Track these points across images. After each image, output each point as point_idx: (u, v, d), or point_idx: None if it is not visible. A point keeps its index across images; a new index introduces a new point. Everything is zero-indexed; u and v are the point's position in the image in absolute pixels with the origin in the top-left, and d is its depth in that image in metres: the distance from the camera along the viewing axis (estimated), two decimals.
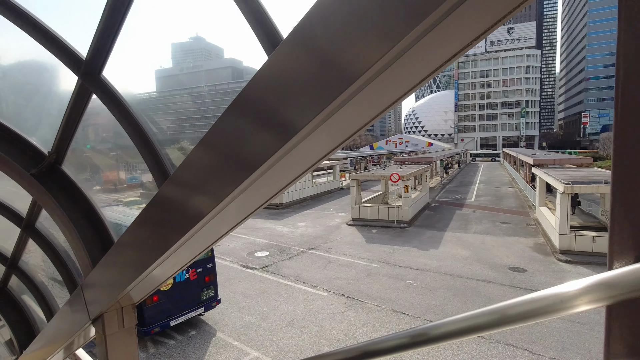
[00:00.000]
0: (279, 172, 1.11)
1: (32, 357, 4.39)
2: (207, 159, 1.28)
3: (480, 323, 0.71)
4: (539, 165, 24.07)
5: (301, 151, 1.01)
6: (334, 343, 9.39)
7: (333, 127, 0.95)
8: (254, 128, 1.01)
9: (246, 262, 15.94)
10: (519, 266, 14.37)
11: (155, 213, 1.74)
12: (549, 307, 0.61)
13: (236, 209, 1.33)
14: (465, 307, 11.09)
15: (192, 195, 1.41)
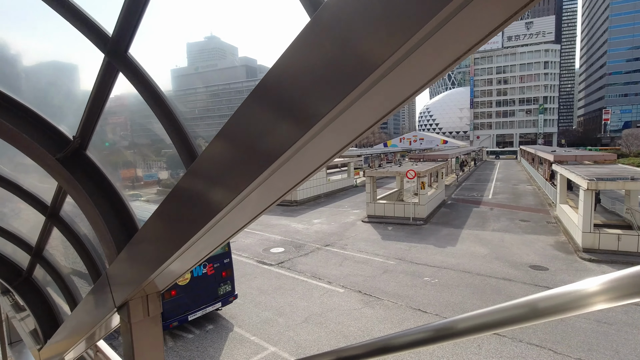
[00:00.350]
0: (297, 164, 1.08)
1: (56, 347, 4.41)
2: (227, 150, 1.25)
3: (508, 317, 0.67)
4: (560, 162, 23.43)
5: (321, 142, 0.98)
6: (352, 339, 9.28)
7: (350, 120, 0.93)
8: (274, 118, 0.99)
9: (262, 258, 15.95)
10: (540, 264, 14.00)
11: (177, 203, 1.68)
12: (584, 299, 0.55)
13: (255, 199, 1.29)
14: (485, 305, 10.80)
15: (211, 186, 1.38)
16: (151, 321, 2.52)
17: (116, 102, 2.86)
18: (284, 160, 1.01)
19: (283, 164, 1.03)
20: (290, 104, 0.93)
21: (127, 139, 6.79)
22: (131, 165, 7.93)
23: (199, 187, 1.50)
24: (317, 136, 0.94)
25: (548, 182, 29.54)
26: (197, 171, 1.50)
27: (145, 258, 2.17)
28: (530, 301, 0.62)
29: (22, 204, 3.87)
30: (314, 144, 0.98)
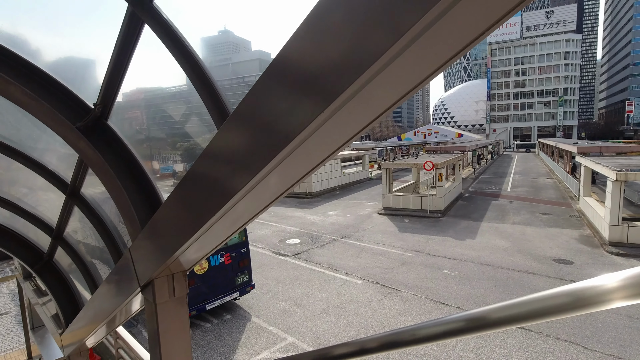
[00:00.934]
0: (318, 141, 1.04)
1: (78, 332, 4.34)
2: (248, 124, 1.17)
3: (548, 306, 0.62)
4: (583, 154, 22.65)
5: (340, 119, 0.93)
6: (371, 331, 9.09)
7: (371, 96, 0.87)
8: (294, 93, 0.93)
9: (278, 249, 15.87)
10: (564, 258, 13.53)
11: (205, 169, 1.52)
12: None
13: (276, 179, 1.24)
14: (508, 298, 10.45)
15: (246, 147, 1.22)
16: (177, 302, 2.36)
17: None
18: (308, 134, 0.96)
19: (306, 140, 0.98)
20: (311, 77, 0.86)
21: (144, 132, 6.69)
22: (147, 157, 7.96)
23: (231, 148, 1.32)
24: (341, 110, 0.88)
25: (569, 175, 28.68)
26: (229, 130, 1.32)
27: (170, 234, 2.01)
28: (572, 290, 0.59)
29: (42, 183, 3.76)
30: (337, 119, 0.92)
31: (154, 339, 2.35)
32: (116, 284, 2.69)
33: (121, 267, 2.50)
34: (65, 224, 3.71)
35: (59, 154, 3.58)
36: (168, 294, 2.30)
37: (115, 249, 3.19)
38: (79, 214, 3.71)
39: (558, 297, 0.63)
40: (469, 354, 8.02)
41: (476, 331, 0.73)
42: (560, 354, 7.90)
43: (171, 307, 2.34)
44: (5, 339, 10.07)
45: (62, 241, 3.96)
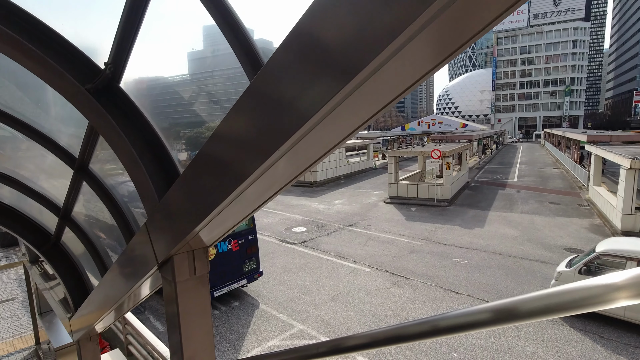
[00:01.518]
0: (332, 124, 1.00)
1: (87, 316, 4.18)
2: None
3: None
4: (593, 143, 22.27)
5: (356, 99, 0.89)
6: (382, 319, 8.97)
7: (391, 75, 0.82)
8: (312, 68, 0.87)
9: (284, 237, 15.73)
10: (576, 247, 13.33)
11: (231, 132, 1.31)
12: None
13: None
14: (520, 287, 10.35)
15: (278, 106, 1.06)
16: (198, 281, 2.17)
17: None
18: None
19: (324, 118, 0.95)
20: (329, 53, 0.82)
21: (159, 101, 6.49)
22: (164, 128, 7.80)
23: (262, 108, 1.11)
24: (359, 88, 0.83)
25: (577, 165, 28.31)
26: (260, 88, 1.10)
27: (190, 208, 1.80)
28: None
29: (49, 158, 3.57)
30: (353, 100, 0.88)
31: (173, 321, 2.16)
32: (131, 262, 2.50)
33: (136, 244, 2.31)
34: (73, 203, 3.52)
35: (67, 125, 3.37)
36: (189, 272, 2.10)
37: (127, 227, 2.99)
38: (87, 192, 3.52)
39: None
40: (482, 342, 7.88)
41: (504, 323, 0.68)
42: (576, 343, 7.74)
43: (192, 286, 2.15)
44: (13, 325, 10.01)
45: (69, 221, 3.77)
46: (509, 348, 7.65)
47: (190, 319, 2.16)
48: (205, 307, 2.27)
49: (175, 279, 2.07)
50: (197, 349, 2.21)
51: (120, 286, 2.80)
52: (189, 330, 2.16)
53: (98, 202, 3.23)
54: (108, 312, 3.48)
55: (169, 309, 2.19)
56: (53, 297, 5.18)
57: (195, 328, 2.20)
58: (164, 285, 2.21)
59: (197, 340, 2.21)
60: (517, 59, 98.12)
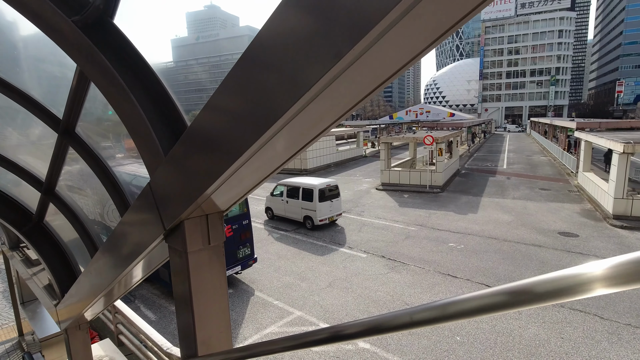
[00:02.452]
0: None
1: (76, 303, 3.82)
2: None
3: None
4: (583, 129, 22.45)
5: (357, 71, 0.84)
6: (381, 304, 8.79)
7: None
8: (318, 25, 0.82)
9: (277, 224, 15.41)
10: (569, 231, 13.38)
11: (245, 75, 1.08)
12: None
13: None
14: (518, 270, 10.29)
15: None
16: (213, 251, 1.84)
17: None
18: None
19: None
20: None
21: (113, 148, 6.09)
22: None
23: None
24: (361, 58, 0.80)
25: (565, 152, 28.63)
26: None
27: (202, 161, 1.48)
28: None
29: (30, 124, 3.16)
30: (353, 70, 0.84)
31: (183, 299, 1.84)
32: (130, 232, 2.15)
33: (138, 209, 1.96)
34: (57, 175, 3.12)
35: (49, 81, 2.96)
36: (202, 241, 1.77)
37: (121, 198, 2.63)
38: (74, 160, 3.13)
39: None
40: (484, 325, 7.78)
41: (520, 306, 0.59)
42: (577, 324, 7.70)
43: (206, 258, 1.82)
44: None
45: (53, 197, 3.38)
46: (511, 331, 7.56)
47: (204, 296, 1.84)
48: (221, 281, 1.94)
49: (186, 248, 1.73)
50: (212, 330, 1.89)
51: (117, 263, 2.44)
52: (203, 309, 1.83)
53: (87, 172, 2.85)
54: (100, 296, 3.13)
55: (178, 285, 1.86)
56: (37, 283, 4.77)
57: (209, 306, 1.87)
58: (172, 258, 1.88)
59: (212, 321, 1.89)
60: (504, 49, 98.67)
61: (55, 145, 2.76)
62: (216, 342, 1.93)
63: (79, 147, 2.67)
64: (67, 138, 2.67)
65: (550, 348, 6.98)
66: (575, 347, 6.99)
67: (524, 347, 7.04)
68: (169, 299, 9.48)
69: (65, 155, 2.85)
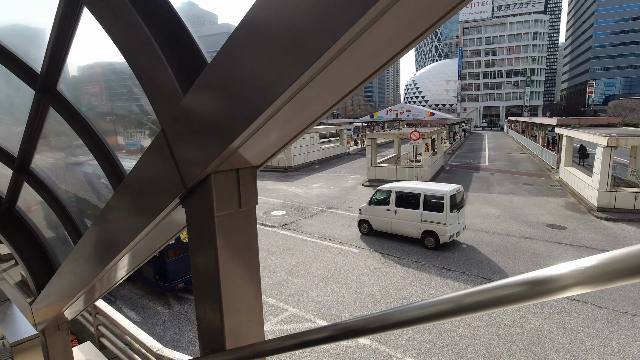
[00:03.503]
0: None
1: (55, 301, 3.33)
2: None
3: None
4: (563, 126, 22.92)
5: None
6: (378, 299, 8.51)
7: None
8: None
9: (263, 220, 14.94)
10: (556, 224, 13.50)
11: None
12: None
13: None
14: (511, 262, 10.23)
15: None
16: (245, 217, 1.47)
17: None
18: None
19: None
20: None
21: (99, 116, 5.58)
22: (110, 133, 6.90)
23: None
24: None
25: (545, 149, 29.26)
26: None
27: (232, 102, 1.13)
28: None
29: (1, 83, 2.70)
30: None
31: (206, 279, 1.45)
32: (130, 201, 1.73)
33: (146, 166, 1.55)
34: (34, 146, 2.64)
35: (23, 29, 2.49)
36: (232, 201, 1.40)
37: (112, 166, 2.21)
38: (52, 131, 2.67)
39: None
40: (485, 317, 7.60)
41: (540, 297, 0.56)
42: (577, 314, 7.63)
43: (237, 224, 1.44)
44: None
45: (28, 175, 2.89)
46: (512, 322, 7.41)
47: (234, 274, 1.46)
48: (253, 256, 1.57)
49: (213, 212, 1.35)
50: (243, 317, 1.51)
51: (110, 247, 2.02)
52: (234, 290, 1.46)
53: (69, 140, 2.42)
54: (84, 291, 2.69)
55: (200, 260, 1.48)
56: (8, 280, 4.22)
57: (240, 288, 1.50)
58: (192, 227, 1.49)
59: (242, 306, 1.51)
60: (482, 50, 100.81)
61: (32, 106, 2.30)
62: (246, 333, 1.55)
63: (61, 107, 2.23)
64: (46, 96, 2.22)
65: (553, 338, 6.86)
66: (578, 336, 6.89)
67: (527, 337, 6.90)
68: (153, 299, 8.91)
69: (44, 120, 2.39)
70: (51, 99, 2.20)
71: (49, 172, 2.91)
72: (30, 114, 2.34)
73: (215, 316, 1.44)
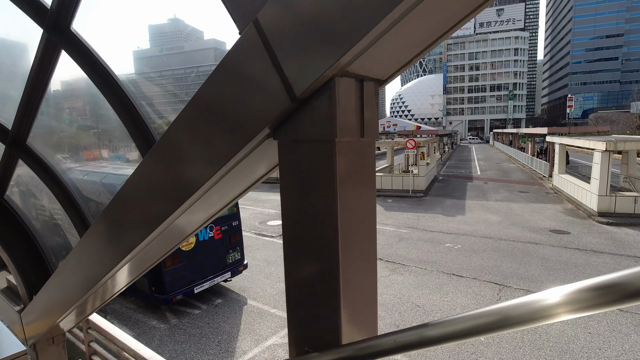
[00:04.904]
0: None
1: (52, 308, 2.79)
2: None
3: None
4: (554, 134, 23.19)
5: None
6: (389, 307, 8.03)
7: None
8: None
9: (260, 230, 14.37)
10: (559, 229, 13.33)
11: None
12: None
13: None
14: (522, 267, 9.91)
15: None
16: (369, 150, 1.05)
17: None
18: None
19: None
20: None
21: (84, 129, 5.17)
22: (95, 146, 6.45)
23: None
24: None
25: (535, 158, 29.58)
26: None
27: None
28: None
29: None
30: None
31: (323, 237, 1.00)
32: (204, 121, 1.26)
33: (231, 69, 1.08)
34: (33, 115, 2.15)
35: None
36: (353, 127, 0.98)
37: (141, 132, 1.75)
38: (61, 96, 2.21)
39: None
40: None
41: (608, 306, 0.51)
42: (600, 318, 7.29)
43: (359, 160, 1.02)
44: None
45: (23, 151, 2.39)
46: (535, 328, 7.02)
47: (354, 238, 1.03)
48: (372, 211, 1.14)
49: (334, 133, 0.91)
50: (359, 302, 1.08)
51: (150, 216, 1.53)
52: (351, 265, 1.02)
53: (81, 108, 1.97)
54: (91, 292, 2.20)
55: (305, 207, 1.04)
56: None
57: (359, 261, 1.07)
58: (292, 160, 1.06)
59: (360, 285, 1.08)
60: (465, 65, 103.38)
61: (39, 47, 1.82)
62: (363, 324, 1.11)
63: (75, 52, 1.77)
64: (57, 38, 1.76)
65: (581, 344, 6.48)
66: (606, 341, 6.54)
67: (554, 344, 6.51)
68: (148, 313, 8.22)
69: (52, 71, 1.92)
70: (63, 43, 1.74)
71: (50, 148, 2.42)
72: (39, 59, 1.85)
73: (331, 296, 1.00)
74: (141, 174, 1.42)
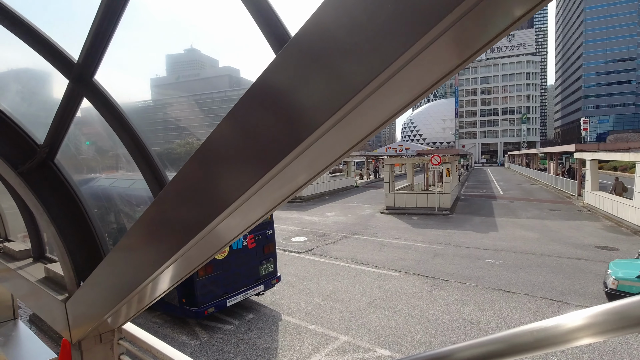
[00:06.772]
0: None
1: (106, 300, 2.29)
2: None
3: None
4: (582, 151, 22.45)
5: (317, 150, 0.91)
6: (440, 323, 7.30)
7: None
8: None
9: (285, 246, 13.77)
10: (606, 245, 12.48)
11: None
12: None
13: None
14: (577, 283, 9.10)
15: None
16: None
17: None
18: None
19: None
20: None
21: (103, 152, 5.00)
22: (112, 168, 6.48)
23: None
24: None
25: (560, 177, 28.69)
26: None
27: None
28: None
29: None
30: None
31: None
32: None
33: None
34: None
35: None
36: None
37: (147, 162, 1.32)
38: None
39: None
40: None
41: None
42: None
43: None
44: None
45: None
46: (614, 347, 6.21)
47: None
48: None
49: None
50: None
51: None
52: None
53: None
54: (152, 278, 1.73)
55: None
56: (28, 279, 3.13)
57: None
58: None
59: None
60: (477, 89, 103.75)
61: None
62: None
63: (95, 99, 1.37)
64: (82, 89, 1.35)
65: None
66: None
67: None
68: (176, 328, 7.62)
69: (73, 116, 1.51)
70: (85, 90, 1.33)
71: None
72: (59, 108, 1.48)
73: None
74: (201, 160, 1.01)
